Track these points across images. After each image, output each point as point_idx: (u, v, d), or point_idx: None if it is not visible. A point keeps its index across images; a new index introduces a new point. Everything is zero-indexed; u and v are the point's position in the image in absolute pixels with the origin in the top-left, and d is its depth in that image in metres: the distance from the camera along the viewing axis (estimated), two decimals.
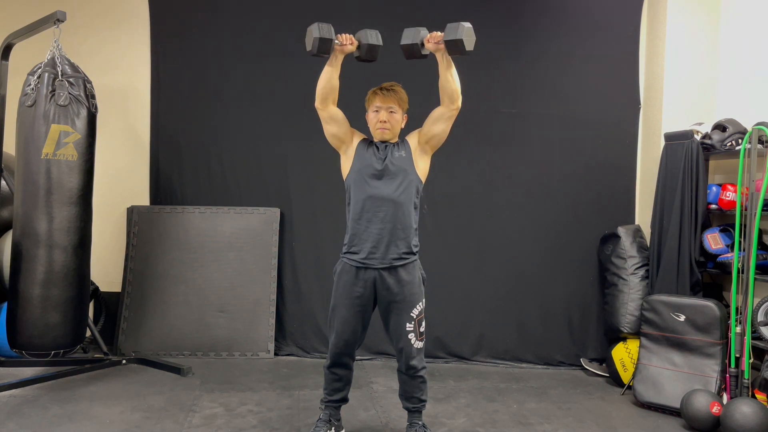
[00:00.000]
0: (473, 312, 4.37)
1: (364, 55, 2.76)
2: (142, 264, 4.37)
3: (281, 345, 4.40)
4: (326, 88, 2.70)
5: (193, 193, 4.53)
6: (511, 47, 4.42)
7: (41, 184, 3.37)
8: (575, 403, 3.56)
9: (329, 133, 2.79)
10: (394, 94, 2.73)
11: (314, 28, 2.63)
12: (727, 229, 3.74)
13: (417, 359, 2.71)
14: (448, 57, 2.63)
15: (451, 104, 2.68)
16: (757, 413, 2.94)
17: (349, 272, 2.71)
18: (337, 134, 2.77)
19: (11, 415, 3.05)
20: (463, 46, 2.56)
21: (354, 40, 2.71)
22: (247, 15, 4.48)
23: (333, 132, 2.78)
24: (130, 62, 4.55)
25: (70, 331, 3.48)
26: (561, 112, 4.42)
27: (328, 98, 2.72)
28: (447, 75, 2.65)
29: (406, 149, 2.74)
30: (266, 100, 4.45)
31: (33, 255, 3.38)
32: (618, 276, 4.10)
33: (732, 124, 3.69)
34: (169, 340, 4.25)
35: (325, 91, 2.71)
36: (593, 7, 4.44)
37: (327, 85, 2.70)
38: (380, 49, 2.76)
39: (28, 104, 3.39)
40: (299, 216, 4.51)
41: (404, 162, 2.71)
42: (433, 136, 2.75)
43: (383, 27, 2.81)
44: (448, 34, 2.58)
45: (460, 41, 2.55)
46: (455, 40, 2.56)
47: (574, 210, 4.39)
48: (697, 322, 3.45)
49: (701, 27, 4.17)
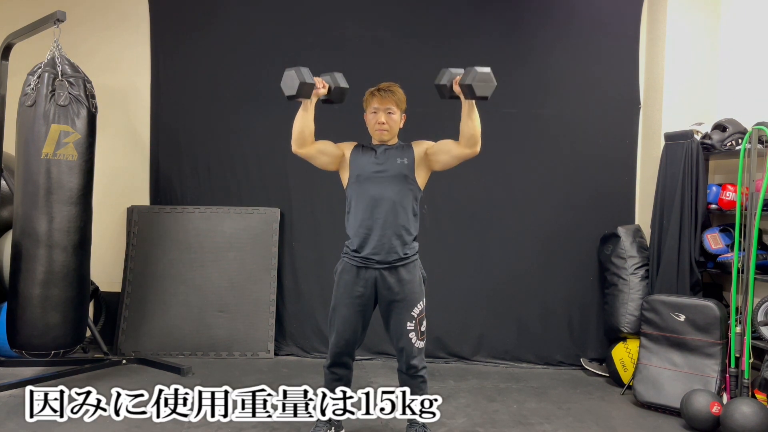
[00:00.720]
0: (473, 312, 4.37)
1: (334, 97, 2.76)
2: (142, 264, 4.37)
3: (281, 345, 4.40)
4: (304, 133, 2.68)
5: (193, 193, 4.53)
6: (511, 47, 4.41)
7: (41, 184, 3.37)
8: (575, 403, 3.56)
9: (321, 165, 2.79)
10: (391, 95, 2.72)
11: (295, 73, 2.57)
12: (727, 229, 3.74)
13: (418, 359, 2.71)
14: (469, 101, 2.56)
15: (466, 148, 2.64)
16: (757, 413, 2.94)
17: (350, 272, 2.71)
18: (329, 162, 2.78)
19: (11, 415, 3.05)
20: (474, 92, 2.48)
21: (325, 84, 2.70)
22: (247, 15, 4.49)
23: (325, 162, 2.78)
24: (130, 62, 4.56)
25: (70, 331, 3.49)
26: (561, 112, 4.42)
27: (306, 141, 2.70)
28: (466, 119, 2.59)
29: (409, 156, 2.73)
30: (266, 99, 4.44)
31: (33, 255, 3.38)
32: (618, 276, 4.10)
33: (732, 124, 3.69)
34: (169, 340, 4.25)
35: (302, 137, 2.68)
36: (593, 7, 4.44)
37: (305, 130, 2.68)
38: (347, 92, 2.76)
39: (28, 104, 3.39)
40: (299, 216, 4.51)
41: (405, 168, 2.71)
42: (437, 162, 2.74)
43: (383, 27, 2.83)
44: (463, 77, 2.51)
45: (470, 87, 2.48)
46: (466, 85, 2.49)
47: (574, 210, 4.39)
48: (697, 322, 3.45)
49: (701, 27, 4.17)
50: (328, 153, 2.77)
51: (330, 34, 4.41)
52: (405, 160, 2.71)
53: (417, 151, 2.75)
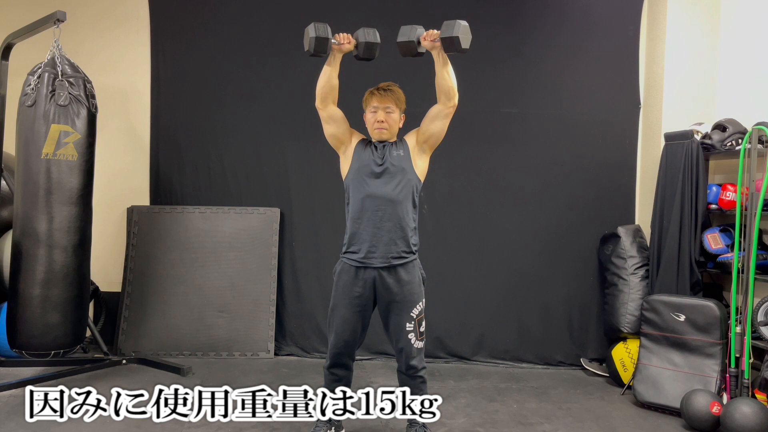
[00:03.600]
0: (473, 312, 4.37)
1: (362, 53, 2.76)
2: (142, 264, 4.37)
3: (281, 345, 4.40)
4: (326, 88, 2.71)
5: (193, 193, 4.53)
6: (511, 47, 4.42)
7: (41, 184, 3.37)
8: (575, 403, 3.56)
9: (328, 133, 2.80)
10: (391, 94, 2.73)
11: (311, 28, 2.63)
12: (727, 229, 3.73)
13: (417, 359, 2.71)
14: (444, 55, 2.64)
15: (447, 102, 2.69)
16: (757, 413, 2.94)
17: (349, 272, 2.71)
18: (336, 134, 2.78)
19: (11, 415, 3.05)
20: (459, 44, 2.56)
21: (351, 39, 2.72)
22: (248, 15, 4.49)
23: (332, 132, 2.78)
24: (130, 62, 4.56)
25: (70, 331, 3.49)
26: (561, 112, 4.42)
27: (327, 97, 2.73)
28: (443, 72, 2.66)
29: (404, 148, 2.75)
30: (266, 100, 4.45)
31: (33, 255, 3.38)
32: (618, 276, 4.10)
33: (732, 124, 3.69)
34: (169, 340, 4.25)
35: (324, 91, 2.72)
36: (593, 7, 4.44)
37: (326, 84, 2.71)
38: (378, 47, 2.76)
39: (28, 104, 3.39)
40: (299, 216, 4.51)
41: (403, 161, 2.71)
42: (431, 134, 2.75)
43: (382, 26, 2.81)
44: (444, 31, 2.58)
45: (456, 38, 2.55)
46: (451, 38, 2.56)
47: (574, 210, 4.39)
48: (697, 322, 3.45)
49: (701, 27, 4.17)
50: (339, 126, 2.77)
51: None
52: (401, 152, 2.73)
53: (410, 141, 2.78)
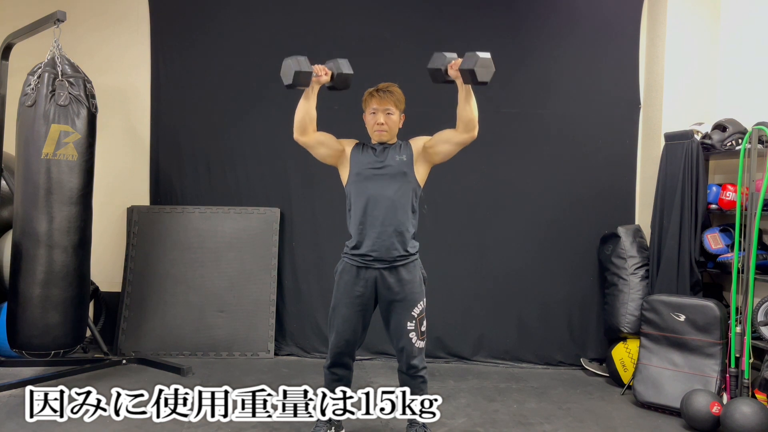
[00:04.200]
0: (473, 312, 4.37)
1: (337, 84, 2.75)
2: (142, 264, 4.37)
3: (281, 345, 4.40)
4: (305, 120, 2.70)
5: (193, 193, 4.53)
6: (512, 47, 4.41)
7: (41, 184, 3.37)
8: (575, 403, 3.56)
9: (320, 156, 2.79)
10: (390, 95, 2.72)
11: (291, 61, 2.60)
12: (727, 229, 3.74)
13: (418, 359, 2.71)
14: (467, 87, 2.59)
15: (464, 133, 2.65)
16: (757, 413, 2.94)
17: (350, 272, 2.71)
18: (329, 154, 2.78)
19: (11, 415, 3.05)
20: (476, 77, 2.50)
21: (327, 71, 2.71)
22: (248, 15, 4.48)
23: (324, 154, 2.78)
24: (130, 62, 4.55)
25: (70, 331, 3.49)
26: (561, 112, 4.42)
27: (307, 128, 2.71)
28: (464, 104, 2.61)
29: (407, 153, 2.73)
30: (266, 99, 4.45)
31: (33, 255, 3.38)
32: (618, 276, 4.10)
33: (732, 124, 3.69)
34: (169, 340, 4.25)
35: (303, 123, 2.70)
36: (593, 7, 4.44)
37: (306, 117, 2.69)
38: (352, 78, 2.75)
39: (28, 104, 3.39)
40: (299, 216, 4.51)
41: (404, 165, 2.71)
42: (437, 153, 2.74)
43: (383, 27, 2.83)
44: (464, 62, 2.53)
45: (472, 71, 2.50)
46: (469, 71, 2.51)
47: (574, 210, 4.39)
48: (697, 322, 3.45)
49: (701, 27, 4.17)
50: (328, 145, 2.77)
51: (330, 34, 4.40)
52: (404, 156, 2.72)
53: (415, 147, 2.75)
